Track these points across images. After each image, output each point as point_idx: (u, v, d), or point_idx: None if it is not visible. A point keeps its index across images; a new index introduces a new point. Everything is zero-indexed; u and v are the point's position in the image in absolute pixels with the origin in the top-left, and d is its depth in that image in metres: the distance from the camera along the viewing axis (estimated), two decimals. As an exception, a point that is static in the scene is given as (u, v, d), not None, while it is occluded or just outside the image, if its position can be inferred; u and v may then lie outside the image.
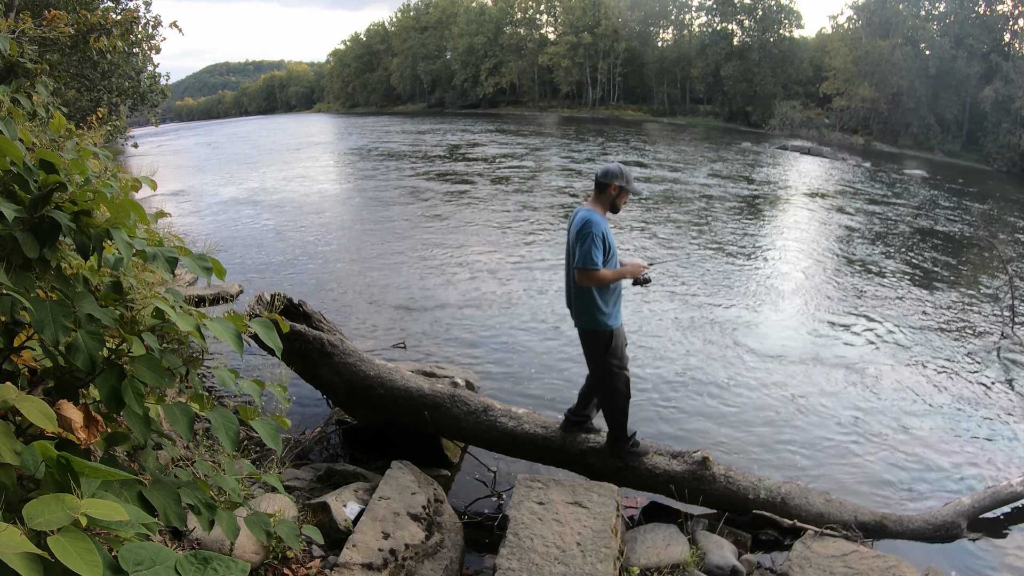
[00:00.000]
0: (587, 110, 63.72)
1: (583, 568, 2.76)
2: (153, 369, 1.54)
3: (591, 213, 3.38)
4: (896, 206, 17.89)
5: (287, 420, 1.91)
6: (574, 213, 3.50)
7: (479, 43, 71.11)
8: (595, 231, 3.27)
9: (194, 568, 1.17)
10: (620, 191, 3.46)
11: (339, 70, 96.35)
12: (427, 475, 3.51)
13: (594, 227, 3.28)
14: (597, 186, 3.48)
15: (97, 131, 6.57)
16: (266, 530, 1.74)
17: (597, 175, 3.48)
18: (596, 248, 3.26)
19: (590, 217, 3.34)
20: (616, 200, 3.48)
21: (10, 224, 1.43)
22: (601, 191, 3.47)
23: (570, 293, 3.51)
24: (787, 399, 5.60)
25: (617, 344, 3.48)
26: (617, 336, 3.47)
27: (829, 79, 48.12)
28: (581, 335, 3.56)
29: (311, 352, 3.83)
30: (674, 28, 62.75)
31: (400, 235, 11.58)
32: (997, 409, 5.64)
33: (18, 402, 1.27)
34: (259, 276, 8.77)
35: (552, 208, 14.36)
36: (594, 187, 3.51)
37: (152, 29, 10.64)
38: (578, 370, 5.95)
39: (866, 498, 4.20)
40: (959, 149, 40.66)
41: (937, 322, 7.96)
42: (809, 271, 10.08)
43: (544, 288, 8.49)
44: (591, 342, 3.52)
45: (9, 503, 1.13)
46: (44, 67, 3.38)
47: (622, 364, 3.52)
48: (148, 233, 2.62)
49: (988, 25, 41.52)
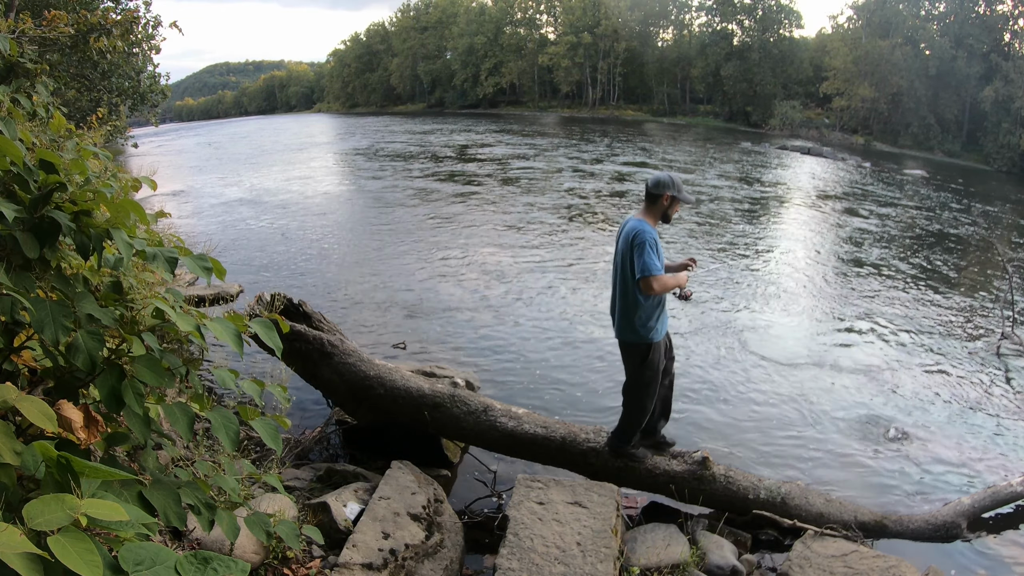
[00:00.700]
0: (587, 110, 63.72)
1: (583, 568, 2.76)
2: (153, 369, 1.54)
3: (641, 223, 3.36)
4: (896, 206, 17.90)
5: (287, 420, 1.91)
6: (623, 223, 3.48)
7: (479, 43, 71.10)
8: (648, 238, 3.26)
9: (194, 568, 1.17)
10: (672, 201, 3.43)
11: (339, 70, 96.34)
12: (427, 475, 3.51)
13: (647, 235, 3.27)
14: (648, 196, 3.43)
15: (97, 131, 6.58)
16: (266, 530, 1.74)
17: (648, 185, 3.44)
18: (652, 253, 3.24)
19: (641, 226, 3.32)
20: (668, 210, 3.45)
21: (10, 224, 1.43)
22: (653, 202, 3.42)
23: (613, 304, 3.51)
24: (787, 399, 5.60)
25: (654, 358, 3.48)
26: (655, 350, 3.47)
27: (829, 79, 48.11)
28: (620, 346, 3.56)
29: (311, 352, 3.82)
30: (674, 28, 62.76)
31: (400, 235, 11.58)
32: (997, 409, 5.64)
33: (18, 402, 1.26)
34: (259, 276, 8.77)
35: (554, 208, 14.36)
36: (645, 197, 3.46)
37: (152, 29, 10.64)
38: (578, 370, 5.97)
39: (866, 498, 4.20)
40: (959, 149, 40.67)
41: (937, 322, 7.96)
42: (808, 271, 10.08)
43: (545, 288, 8.48)
44: (629, 353, 3.53)
45: (9, 503, 1.13)
46: (44, 67, 3.39)
47: (656, 379, 3.53)
48: (148, 233, 2.62)
49: (988, 25, 41.52)
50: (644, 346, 3.45)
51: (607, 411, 5.21)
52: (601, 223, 12.92)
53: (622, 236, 3.41)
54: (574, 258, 10.06)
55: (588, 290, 8.46)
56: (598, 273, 9.25)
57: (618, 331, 3.52)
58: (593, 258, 10.11)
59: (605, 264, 9.76)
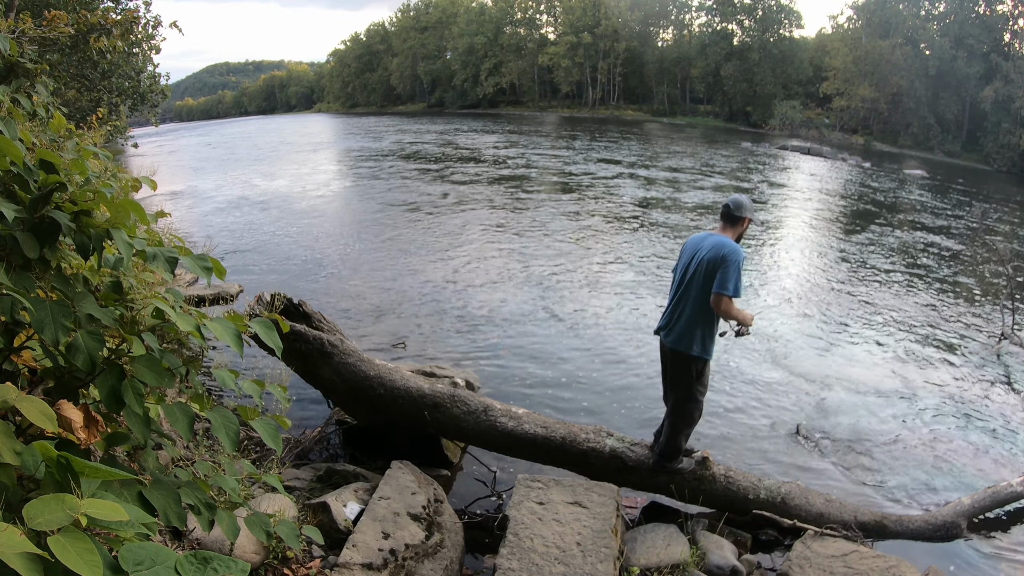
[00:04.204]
0: (587, 110, 63.73)
1: (583, 568, 2.76)
2: (153, 369, 1.54)
3: (730, 242, 3.36)
4: (896, 206, 17.90)
5: (287, 420, 1.91)
6: (704, 235, 3.48)
7: (479, 43, 71.10)
8: (741, 259, 3.27)
9: (194, 568, 1.17)
10: (749, 223, 3.50)
11: (339, 70, 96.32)
12: (427, 475, 3.51)
13: (740, 255, 3.27)
14: (729, 218, 3.46)
15: (97, 131, 6.58)
16: (266, 530, 1.73)
17: (731, 207, 3.45)
18: (741, 277, 3.25)
19: (735, 246, 3.32)
20: (744, 231, 3.50)
21: (10, 224, 1.43)
22: (734, 223, 3.46)
23: (676, 314, 3.48)
24: (786, 399, 5.61)
25: (707, 374, 3.55)
26: (707, 366, 3.53)
27: (829, 79, 48.13)
28: (675, 358, 3.51)
29: (311, 352, 3.82)
30: (674, 28, 62.79)
31: (400, 235, 11.58)
32: (997, 409, 5.64)
33: (18, 402, 1.26)
34: (259, 276, 8.77)
35: (554, 208, 14.36)
36: (723, 218, 3.49)
37: (152, 29, 10.67)
38: (579, 370, 5.96)
39: (866, 498, 4.20)
40: (959, 149, 40.69)
41: (937, 322, 7.96)
42: (807, 271, 10.08)
43: (545, 289, 8.48)
44: (685, 367, 3.49)
45: (9, 503, 1.13)
46: (44, 67, 3.39)
47: (705, 393, 3.60)
48: (148, 233, 2.62)
49: (988, 25, 41.53)
50: (702, 362, 3.47)
51: (607, 411, 5.21)
52: (601, 223, 12.92)
53: (707, 249, 3.35)
54: (574, 259, 10.06)
55: (588, 291, 8.46)
56: (598, 274, 9.25)
57: (676, 342, 3.46)
58: (593, 259, 10.11)
59: (607, 265, 9.76)
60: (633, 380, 5.80)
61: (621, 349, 6.52)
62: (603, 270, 9.44)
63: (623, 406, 5.32)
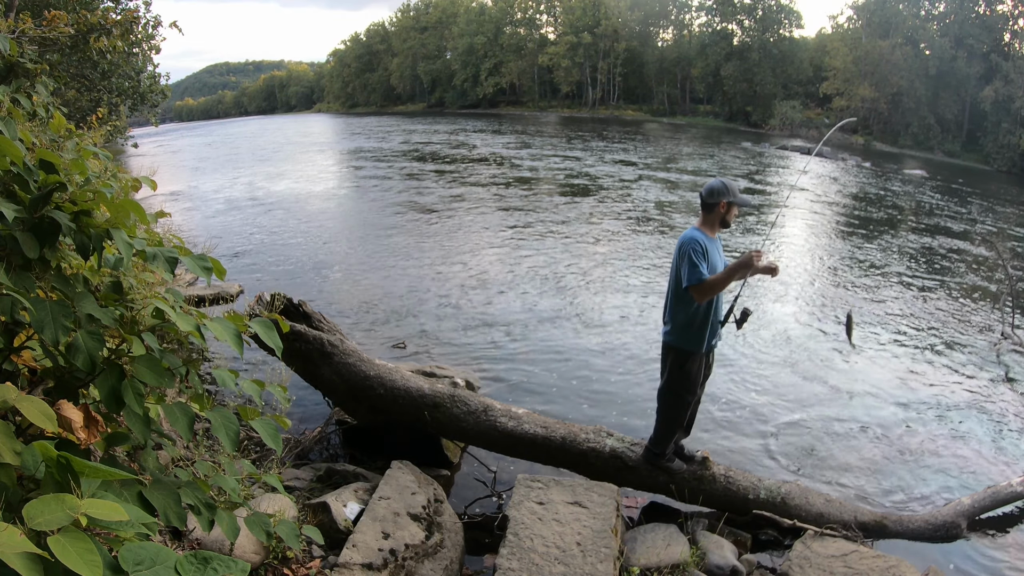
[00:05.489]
0: (587, 110, 63.74)
1: (583, 568, 2.76)
2: (153, 369, 1.54)
3: (693, 231, 3.39)
4: (896, 206, 17.91)
5: (287, 420, 1.91)
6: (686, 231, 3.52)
7: (479, 43, 71.11)
8: (694, 246, 3.29)
9: (194, 568, 1.17)
10: (729, 206, 3.43)
11: (339, 70, 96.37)
12: (427, 475, 3.51)
13: (692, 243, 3.30)
14: (704, 206, 3.44)
15: (97, 131, 6.58)
16: (266, 530, 1.74)
17: (702, 195, 3.44)
18: (696, 259, 3.26)
19: (690, 235, 3.35)
20: (726, 216, 3.45)
21: (10, 224, 1.43)
22: (709, 210, 3.43)
23: (665, 308, 3.55)
24: (786, 399, 5.60)
25: (691, 368, 3.48)
26: (694, 360, 3.46)
27: (829, 79, 48.13)
28: (662, 347, 3.58)
29: (311, 352, 3.82)
30: (674, 28, 62.81)
31: (400, 235, 11.58)
32: (997, 409, 5.64)
33: (18, 402, 1.26)
34: (259, 276, 8.77)
35: (554, 209, 14.36)
36: (701, 207, 3.49)
37: (152, 29, 10.66)
38: (579, 370, 5.96)
39: (866, 498, 4.20)
40: (959, 149, 40.68)
41: (936, 322, 7.96)
42: (806, 271, 10.08)
43: (545, 289, 8.48)
44: (666, 354, 3.54)
45: (9, 503, 1.13)
46: (44, 67, 3.39)
47: (690, 390, 3.53)
48: (148, 233, 2.63)
49: (988, 25, 41.54)
50: (683, 352, 3.44)
51: (607, 411, 5.21)
52: (602, 223, 12.92)
53: (676, 245, 3.45)
54: (573, 258, 10.06)
55: (588, 290, 8.46)
56: (598, 274, 9.25)
57: (663, 333, 3.54)
58: (593, 259, 10.11)
59: (606, 264, 9.76)
60: (633, 380, 5.80)
61: (621, 349, 6.52)
62: (603, 270, 9.44)
63: (623, 406, 5.32)
